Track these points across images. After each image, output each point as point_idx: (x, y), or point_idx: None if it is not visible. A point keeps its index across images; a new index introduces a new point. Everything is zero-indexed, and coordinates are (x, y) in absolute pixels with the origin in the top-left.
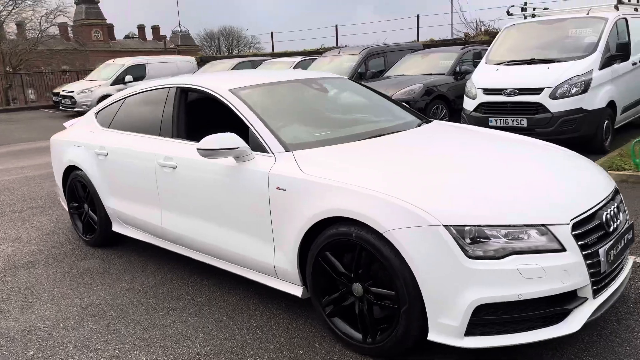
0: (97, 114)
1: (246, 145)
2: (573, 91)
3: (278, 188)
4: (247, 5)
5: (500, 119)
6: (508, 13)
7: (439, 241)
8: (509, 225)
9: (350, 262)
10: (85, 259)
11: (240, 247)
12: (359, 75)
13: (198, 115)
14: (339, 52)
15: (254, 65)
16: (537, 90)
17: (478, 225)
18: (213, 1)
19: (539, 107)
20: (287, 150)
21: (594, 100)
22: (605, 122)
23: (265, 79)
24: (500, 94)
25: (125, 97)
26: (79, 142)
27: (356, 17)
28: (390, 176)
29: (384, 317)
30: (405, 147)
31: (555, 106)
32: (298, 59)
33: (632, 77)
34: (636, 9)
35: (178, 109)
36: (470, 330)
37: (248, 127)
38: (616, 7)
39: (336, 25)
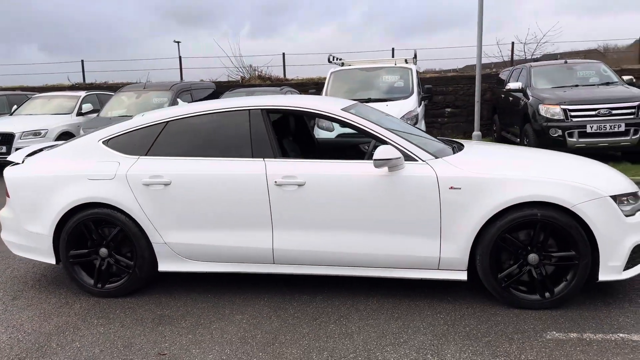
0: (106, 141)
1: (401, 155)
2: (409, 123)
3: (452, 188)
4: None
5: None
6: (329, 60)
7: (609, 207)
8: (629, 194)
9: (523, 238)
10: (135, 310)
11: (396, 248)
12: None
13: (294, 134)
14: (145, 87)
15: (9, 100)
16: None
17: (621, 195)
18: None
19: None
20: (436, 157)
21: None
22: None
23: (342, 102)
24: None
25: (167, 121)
26: (99, 174)
27: (21, 56)
28: (547, 168)
29: (550, 275)
30: (502, 152)
31: None
32: (82, 93)
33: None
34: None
35: (273, 130)
36: (626, 266)
37: (385, 140)
38: (405, 60)
39: (82, 61)
